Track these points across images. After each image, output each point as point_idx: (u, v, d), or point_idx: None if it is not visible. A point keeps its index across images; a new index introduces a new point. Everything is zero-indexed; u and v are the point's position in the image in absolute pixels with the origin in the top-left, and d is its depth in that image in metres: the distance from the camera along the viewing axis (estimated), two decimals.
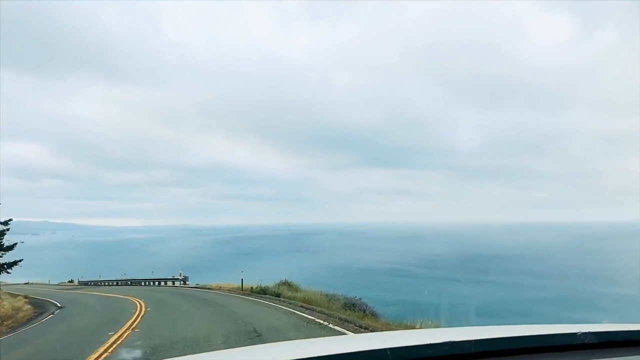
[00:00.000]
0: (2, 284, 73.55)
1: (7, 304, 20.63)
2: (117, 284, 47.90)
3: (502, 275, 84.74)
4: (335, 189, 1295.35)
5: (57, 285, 57.58)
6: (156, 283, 44.33)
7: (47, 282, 62.84)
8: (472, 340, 1.33)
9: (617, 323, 1.89)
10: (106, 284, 49.80)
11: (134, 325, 14.14)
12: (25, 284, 65.18)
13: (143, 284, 45.19)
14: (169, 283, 42.42)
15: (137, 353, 9.85)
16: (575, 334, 1.52)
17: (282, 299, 20.53)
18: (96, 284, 51.84)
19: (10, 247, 25.97)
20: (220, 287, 32.74)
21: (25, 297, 26.37)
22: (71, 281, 58.34)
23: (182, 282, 40.69)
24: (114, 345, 10.82)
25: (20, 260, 27.71)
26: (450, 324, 17.77)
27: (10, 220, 25.85)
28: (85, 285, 52.24)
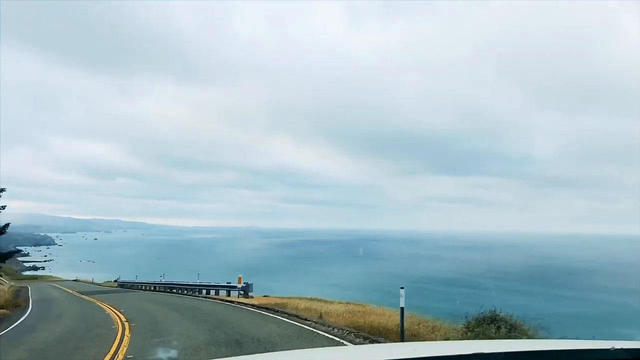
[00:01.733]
0: (50, 278, 75.20)
1: None
2: (154, 289, 39.60)
3: (574, 289, 79.47)
4: (399, 196, 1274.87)
5: (100, 284, 56.22)
6: (203, 291, 31.81)
7: (91, 280, 63.04)
8: (502, 353, 1.30)
9: None
10: (143, 287, 41.91)
11: None
12: (74, 280, 66.65)
13: (185, 292, 33.50)
14: (222, 292, 29.77)
15: None
16: (608, 349, 1.48)
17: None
18: (132, 286, 44.71)
19: None
20: (319, 313, 16.44)
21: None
22: (117, 280, 53.36)
23: (241, 293, 26.80)
24: None
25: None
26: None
27: (7, 225, 24.92)
28: (122, 287, 46.36)
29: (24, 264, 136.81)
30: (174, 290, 35.59)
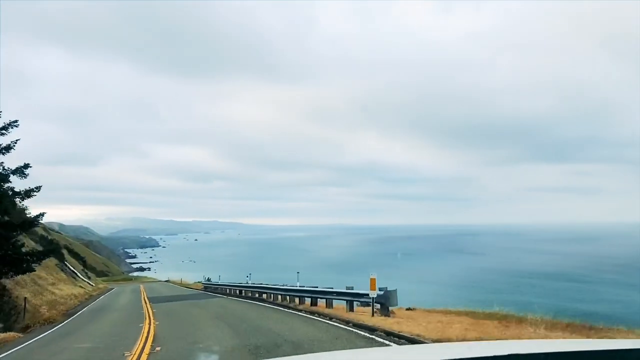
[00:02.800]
0: (145, 279, 79.06)
1: None
2: (240, 293, 31.45)
3: None
4: (494, 188, 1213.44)
5: (189, 285, 55.20)
6: (306, 300, 20.62)
7: (180, 281, 62.32)
8: (542, 354, 1.30)
9: None
10: (227, 290, 34.73)
11: None
12: (166, 281, 68.33)
13: (280, 298, 23.33)
14: (338, 303, 18.46)
15: None
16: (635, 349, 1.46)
17: None
18: (216, 289, 38.65)
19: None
20: None
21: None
22: (205, 280, 49.25)
23: (376, 307, 15.04)
24: None
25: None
26: None
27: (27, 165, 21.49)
28: (206, 289, 41.63)
29: (132, 265, 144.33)
30: (264, 296, 26.40)
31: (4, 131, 21.27)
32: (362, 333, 11.69)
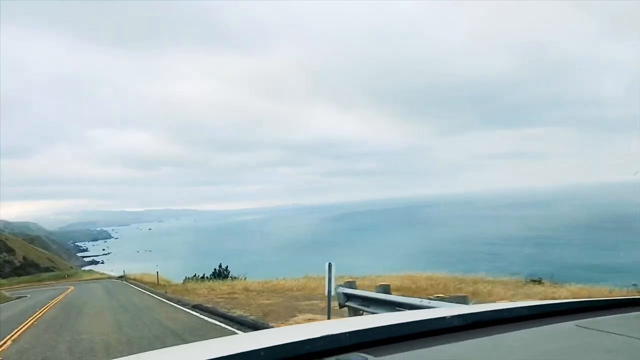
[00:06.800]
0: (91, 275, 59.89)
1: None
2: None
3: None
4: (448, 157, 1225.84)
5: (169, 283, 46.78)
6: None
7: (140, 276, 49.81)
8: (346, 333, 1.34)
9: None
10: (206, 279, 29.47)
11: None
12: (120, 278, 49.83)
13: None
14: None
15: None
16: (444, 317, 1.54)
17: None
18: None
19: None
20: None
21: None
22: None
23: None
24: None
25: None
26: None
27: None
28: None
29: (84, 259, 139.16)
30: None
31: None
32: None
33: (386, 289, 8.21)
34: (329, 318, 9.04)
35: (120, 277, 48.76)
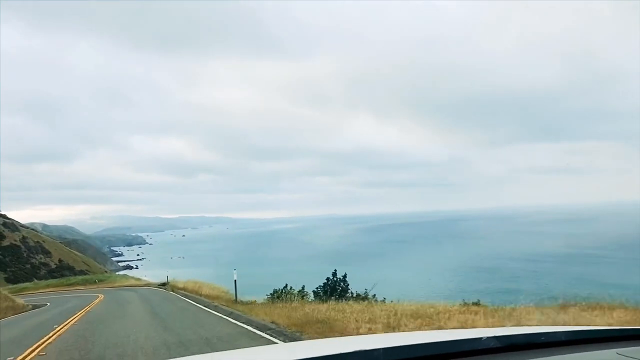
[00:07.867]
0: (124, 280, 61.37)
1: None
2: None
3: None
4: (488, 170, 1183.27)
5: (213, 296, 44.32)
6: None
7: (195, 286, 52.28)
8: (380, 349, 1.32)
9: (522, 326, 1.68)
10: None
11: None
12: (163, 285, 42.30)
13: None
14: None
15: None
16: (480, 338, 1.52)
17: None
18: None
19: None
20: None
21: None
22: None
23: None
24: None
25: None
26: None
27: None
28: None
29: (119, 263, 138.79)
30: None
31: None
32: None
33: None
34: None
35: (163, 285, 39.34)
